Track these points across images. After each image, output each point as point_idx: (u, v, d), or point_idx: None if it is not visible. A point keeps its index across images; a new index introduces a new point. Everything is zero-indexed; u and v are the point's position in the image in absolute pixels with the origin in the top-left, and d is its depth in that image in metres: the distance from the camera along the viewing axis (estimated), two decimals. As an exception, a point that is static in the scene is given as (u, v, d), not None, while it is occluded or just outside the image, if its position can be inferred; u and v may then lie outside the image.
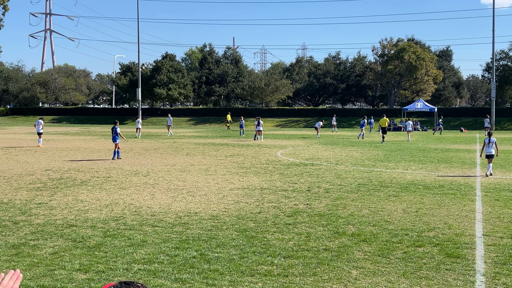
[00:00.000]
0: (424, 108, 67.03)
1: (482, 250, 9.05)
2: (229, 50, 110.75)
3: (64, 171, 19.69)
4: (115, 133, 24.69)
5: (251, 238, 9.77)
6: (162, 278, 7.50)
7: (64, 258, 8.45)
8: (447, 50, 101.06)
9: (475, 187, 16.39)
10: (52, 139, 40.73)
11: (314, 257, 8.54)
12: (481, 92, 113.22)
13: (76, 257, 8.51)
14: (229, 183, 16.88)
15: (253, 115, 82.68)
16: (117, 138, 24.57)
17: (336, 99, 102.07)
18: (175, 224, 10.93)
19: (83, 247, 9.11)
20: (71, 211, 12.26)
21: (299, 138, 45.25)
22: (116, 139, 24.54)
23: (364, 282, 7.41)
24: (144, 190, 15.36)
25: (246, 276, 7.61)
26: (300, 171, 20.26)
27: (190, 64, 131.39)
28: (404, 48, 79.30)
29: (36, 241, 9.46)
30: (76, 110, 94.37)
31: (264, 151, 30.16)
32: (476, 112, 75.63)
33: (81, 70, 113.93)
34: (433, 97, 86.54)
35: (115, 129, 24.90)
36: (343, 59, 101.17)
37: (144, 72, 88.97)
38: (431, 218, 11.67)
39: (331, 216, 11.73)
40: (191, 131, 59.34)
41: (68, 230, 10.34)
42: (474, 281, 7.46)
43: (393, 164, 23.19)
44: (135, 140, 39.70)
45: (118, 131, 24.82)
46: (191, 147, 32.50)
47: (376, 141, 40.69)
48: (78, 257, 8.51)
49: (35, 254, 8.64)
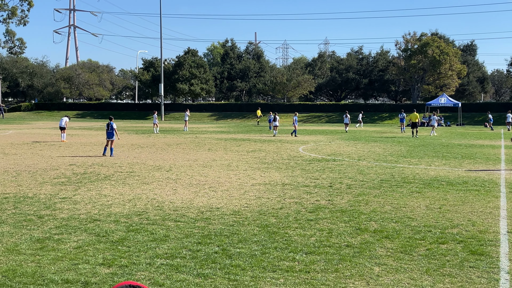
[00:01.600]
0: (448, 103, 66.27)
1: (507, 247, 8.94)
2: (251, 45, 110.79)
3: (88, 166, 19.90)
4: (112, 129, 24.23)
5: (272, 233, 9.78)
6: (184, 273, 7.55)
7: (88, 252, 8.55)
8: (471, 44, 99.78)
9: (499, 183, 16.18)
10: (76, 134, 41.19)
11: (336, 253, 8.52)
12: (506, 87, 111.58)
13: (99, 251, 8.60)
14: (251, 179, 16.90)
15: (274, 110, 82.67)
16: (113, 135, 24.20)
17: (358, 94, 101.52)
18: (197, 219, 10.99)
19: (106, 241, 9.20)
20: (94, 205, 12.39)
21: (321, 133, 45.12)
22: (111, 135, 24.17)
23: (387, 279, 7.37)
24: (166, 185, 15.46)
25: (268, 272, 7.62)
26: (322, 166, 20.20)
27: (212, 59, 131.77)
28: (427, 43, 78.45)
29: (60, 235, 9.58)
30: (99, 105, 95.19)
31: (285, 146, 30.13)
32: (501, 107, 74.51)
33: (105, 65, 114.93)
34: (457, 92, 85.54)
35: (111, 125, 24.34)
36: (365, 54, 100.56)
37: (167, 67, 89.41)
38: (454, 214, 11.56)
39: (353, 212, 11.69)
40: (213, 126, 59.51)
41: (92, 224, 10.46)
42: (498, 279, 7.37)
43: (416, 160, 23.00)
44: (157, 135, 39.95)
45: (115, 127, 24.50)
46: (213, 143, 32.60)
47: (402, 136, 40.39)
48: (101, 251, 8.60)
49: (59, 248, 8.75)
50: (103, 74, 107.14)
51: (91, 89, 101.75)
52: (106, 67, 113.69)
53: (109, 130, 24.22)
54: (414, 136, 40.11)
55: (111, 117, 25.30)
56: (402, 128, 49.38)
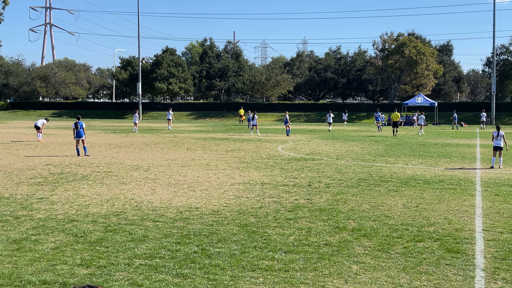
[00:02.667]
0: (424, 102, 67.00)
1: (482, 245, 9.09)
2: (230, 44, 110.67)
3: (65, 166, 19.72)
4: (81, 128, 23.80)
5: (252, 233, 9.81)
6: (163, 273, 7.53)
7: (66, 253, 8.49)
8: (447, 44, 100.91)
9: (475, 182, 16.42)
10: (53, 133, 40.75)
11: (315, 252, 8.58)
12: (482, 86, 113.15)
13: (77, 252, 8.55)
14: (230, 178, 16.91)
15: (253, 109, 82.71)
16: (83, 133, 23.83)
17: (336, 93, 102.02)
18: (176, 219, 10.97)
19: (84, 242, 9.14)
20: (72, 206, 12.29)
21: (300, 132, 45.28)
22: (82, 134, 23.79)
23: (365, 277, 7.44)
24: (145, 185, 15.40)
25: (247, 271, 7.65)
26: (300, 166, 20.29)
27: (190, 58, 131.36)
28: (404, 43, 79.16)
29: (37, 236, 9.49)
30: (76, 104, 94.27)
31: (265, 145, 30.19)
32: (476, 107, 75.50)
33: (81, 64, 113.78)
34: (434, 91, 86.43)
35: (80, 124, 23.90)
36: (343, 54, 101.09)
37: (145, 66, 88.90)
38: (431, 213, 11.70)
39: (332, 211, 11.77)
40: (192, 126, 59.34)
41: (69, 225, 10.38)
42: (473, 276, 7.50)
43: (393, 159, 23.21)
44: (136, 135, 39.72)
45: (84, 126, 24.12)
46: (192, 142, 32.52)
47: (380, 135, 40.73)
48: (79, 252, 8.55)
49: (36, 249, 8.67)
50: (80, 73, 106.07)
51: (68, 88, 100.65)
52: (83, 66, 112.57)
53: (79, 129, 23.84)
54: (394, 135, 40.50)
55: (78, 116, 24.91)
56: (379, 126, 50.05)
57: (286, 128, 41.25)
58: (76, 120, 24.39)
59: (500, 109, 72.50)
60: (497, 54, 79.85)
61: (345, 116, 61.51)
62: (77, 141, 24.05)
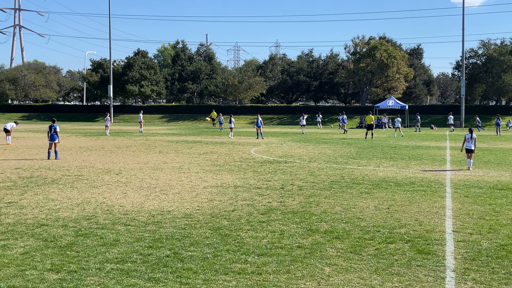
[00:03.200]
0: (395, 105, 67.83)
1: (452, 246, 9.21)
2: (202, 47, 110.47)
3: (35, 170, 19.42)
4: (54, 131, 23.44)
5: (224, 236, 9.78)
6: (135, 278, 7.46)
7: (35, 258, 8.35)
8: (418, 48, 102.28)
9: (445, 184, 16.65)
10: (22, 136, 40.11)
11: (288, 255, 8.59)
12: (451, 89, 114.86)
13: (47, 257, 8.41)
14: (203, 181, 16.85)
15: (226, 112, 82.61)
16: (56, 137, 23.44)
17: (309, 96, 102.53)
18: (148, 223, 10.88)
19: (54, 246, 9.01)
20: (42, 210, 12.10)
21: (273, 135, 45.38)
22: (55, 138, 23.41)
23: (337, 279, 7.48)
24: (116, 189, 15.24)
25: (220, 275, 7.62)
26: (273, 168, 20.33)
27: (162, 60, 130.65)
28: (376, 46, 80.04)
29: (6, 241, 9.32)
30: (46, 107, 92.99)
31: (237, 148, 30.17)
32: (446, 110, 76.66)
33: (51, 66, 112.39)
34: (404, 94, 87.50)
35: (54, 127, 23.52)
36: (316, 57, 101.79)
37: (116, 68, 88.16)
38: (402, 214, 11.83)
39: (304, 214, 11.81)
40: (164, 129, 59.00)
41: (39, 229, 10.21)
42: (444, 277, 7.59)
43: (365, 161, 23.41)
44: (107, 138, 39.34)
45: (58, 130, 23.78)
46: (164, 145, 32.33)
47: (351, 138, 41.03)
48: (49, 257, 8.41)
49: (5, 254, 8.51)
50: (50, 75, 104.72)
51: (38, 91, 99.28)
52: (53, 68, 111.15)
53: (52, 132, 23.51)
54: (367, 138, 40.76)
55: (54, 119, 24.63)
56: (344, 128, 51.60)
57: (258, 131, 40.84)
58: (51, 123, 24.03)
59: (470, 112, 73.77)
60: (466, 58, 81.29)
61: (319, 119, 62.94)
62: (49, 145, 23.70)
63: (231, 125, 41.78)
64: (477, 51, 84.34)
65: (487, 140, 39.16)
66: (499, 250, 8.93)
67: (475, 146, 20.92)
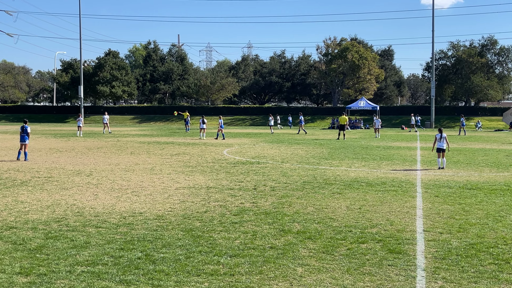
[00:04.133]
0: (366, 106, 68.48)
1: (423, 245, 9.32)
2: (174, 47, 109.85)
3: (3, 171, 19.08)
4: (26, 132, 23.18)
5: (197, 237, 9.74)
6: (106, 280, 7.38)
7: (4, 261, 8.20)
8: (388, 49, 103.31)
9: (415, 183, 16.85)
10: (-10, 138, 39.36)
11: (260, 255, 8.59)
12: (421, 90, 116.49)
13: (16, 260, 8.26)
14: (175, 182, 16.76)
15: (198, 113, 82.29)
16: (27, 138, 23.20)
17: (281, 97, 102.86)
18: (119, 224, 10.77)
19: (23, 249, 8.85)
20: (10, 212, 11.89)
21: (246, 136, 45.38)
22: (25, 139, 23.15)
23: (309, 279, 7.50)
24: (87, 190, 15.06)
25: (192, 276, 7.58)
26: (246, 169, 20.32)
27: (134, 61, 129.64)
28: (347, 48, 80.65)
29: (-27, 245, 9.12)
30: (15, 108, 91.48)
31: (210, 149, 30.09)
32: (416, 110, 77.71)
33: (21, 66, 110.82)
34: (375, 95, 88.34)
35: (25, 128, 23.27)
36: (288, 58, 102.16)
37: (86, 69, 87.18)
38: (373, 214, 11.93)
39: (277, 214, 11.83)
40: (136, 130, 58.55)
41: (8, 232, 10.03)
42: (415, 276, 7.67)
43: (337, 161, 23.56)
44: (77, 139, 38.87)
45: (29, 131, 23.52)
46: (136, 146, 32.08)
47: (322, 139, 41.26)
48: (18, 260, 8.27)
49: (-28, 258, 8.33)
50: (18, 76, 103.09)
51: (6, 91, 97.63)
52: (22, 69, 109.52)
53: (23, 133, 23.20)
54: (339, 139, 41.02)
55: (25, 120, 24.35)
56: (300, 129, 52.11)
57: (220, 132, 41.20)
58: (23, 123, 23.72)
59: (439, 113, 74.94)
60: (436, 59, 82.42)
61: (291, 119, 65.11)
62: (20, 145, 23.36)
63: (203, 126, 41.58)
64: (447, 53, 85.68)
65: (456, 141, 39.78)
66: (469, 249, 9.07)
67: (447, 144, 21.29)
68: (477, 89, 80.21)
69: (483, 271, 7.94)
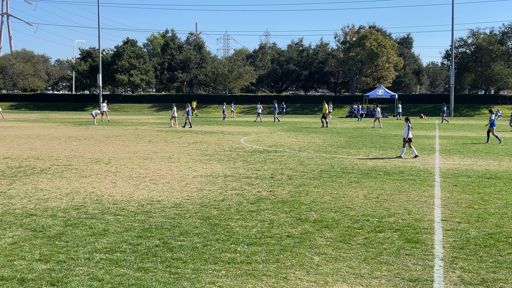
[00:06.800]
0: (385, 94, 68.01)
1: (441, 235, 9.26)
2: (192, 35, 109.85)
3: (23, 159, 19.30)
4: None
5: (214, 225, 9.78)
6: (124, 267, 7.45)
7: (24, 248, 8.31)
8: (407, 37, 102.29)
9: (434, 173, 16.73)
10: (11, 126, 39.83)
11: (277, 244, 8.61)
12: (441, 79, 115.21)
13: (36, 247, 8.37)
14: (192, 171, 16.82)
15: (216, 101, 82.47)
16: None
17: (299, 85, 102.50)
18: (137, 212, 10.85)
19: (43, 236, 8.97)
20: (30, 200, 12.04)
21: (263, 124, 45.34)
22: None
23: (326, 268, 7.50)
24: (105, 178, 15.19)
25: (209, 264, 7.62)
26: (263, 158, 20.32)
27: (152, 49, 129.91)
28: (365, 35, 79.95)
29: (-6, 232, 9.26)
30: (35, 96, 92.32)
31: (227, 138, 30.13)
32: (435, 99, 77.02)
33: (40, 55, 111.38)
34: (394, 84, 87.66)
35: None
36: (306, 46, 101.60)
37: (105, 57, 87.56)
38: (391, 204, 11.87)
39: (294, 203, 11.83)
40: (154, 118, 58.79)
41: (28, 219, 10.16)
42: (433, 266, 7.64)
43: (354, 150, 23.46)
44: (96, 127, 39.16)
45: None
46: (154, 134, 32.23)
47: (339, 127, 41.10)
48: (38, 247, 8.38)
49: (-7, 245, 8.46)
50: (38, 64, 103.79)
51: (26, 80, 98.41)
52: (41, 57, 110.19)
53: None
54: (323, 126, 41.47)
55: None
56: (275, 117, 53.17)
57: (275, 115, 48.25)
58: None
59: (458, 101, 74.11)
60: (456, 47, 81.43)
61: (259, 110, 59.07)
62: None
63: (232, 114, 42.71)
64: (467, 40, 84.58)
65: (476, 130, 39.35)
66: (487, 239, 9.00)
67: (407, 134, 20.92)
68: (497, 77, 79.16)
69: (501, 261, 7.87)
